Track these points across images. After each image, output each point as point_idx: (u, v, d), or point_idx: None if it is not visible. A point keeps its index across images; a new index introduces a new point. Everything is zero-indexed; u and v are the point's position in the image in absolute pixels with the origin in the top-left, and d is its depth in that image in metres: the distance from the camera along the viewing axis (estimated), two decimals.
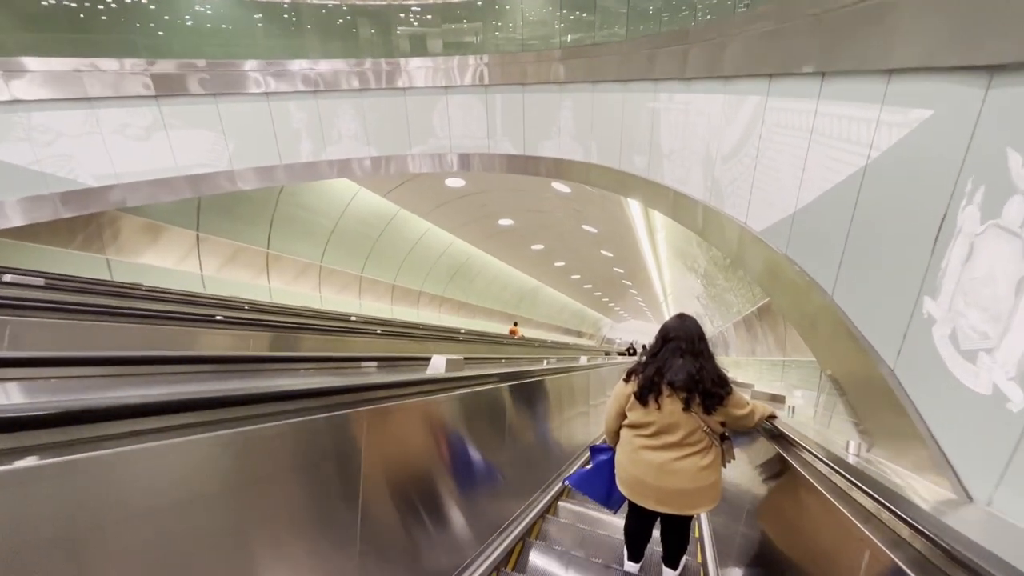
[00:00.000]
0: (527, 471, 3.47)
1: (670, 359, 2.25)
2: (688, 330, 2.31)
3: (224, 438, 1.11)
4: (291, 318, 6.81)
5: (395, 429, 1.75)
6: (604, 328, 46.84)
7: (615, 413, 2.36)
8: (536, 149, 7.71)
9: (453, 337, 9.24)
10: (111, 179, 6.45)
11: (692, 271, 10.55)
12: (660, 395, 2.20)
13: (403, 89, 8.07)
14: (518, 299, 22.97)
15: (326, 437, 1.43)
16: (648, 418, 2.21)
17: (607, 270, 19.26)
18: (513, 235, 13.77)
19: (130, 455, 0.92)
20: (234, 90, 7.09)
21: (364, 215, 10.67)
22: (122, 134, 6.42)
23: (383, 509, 1.69)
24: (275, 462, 1.26)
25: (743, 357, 9.02)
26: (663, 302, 25.76)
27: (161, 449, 0.97)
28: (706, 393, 2.16)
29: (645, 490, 2.21)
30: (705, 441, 2.19)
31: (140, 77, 6.36)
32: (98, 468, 0.87)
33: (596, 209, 10.21)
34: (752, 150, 3.64)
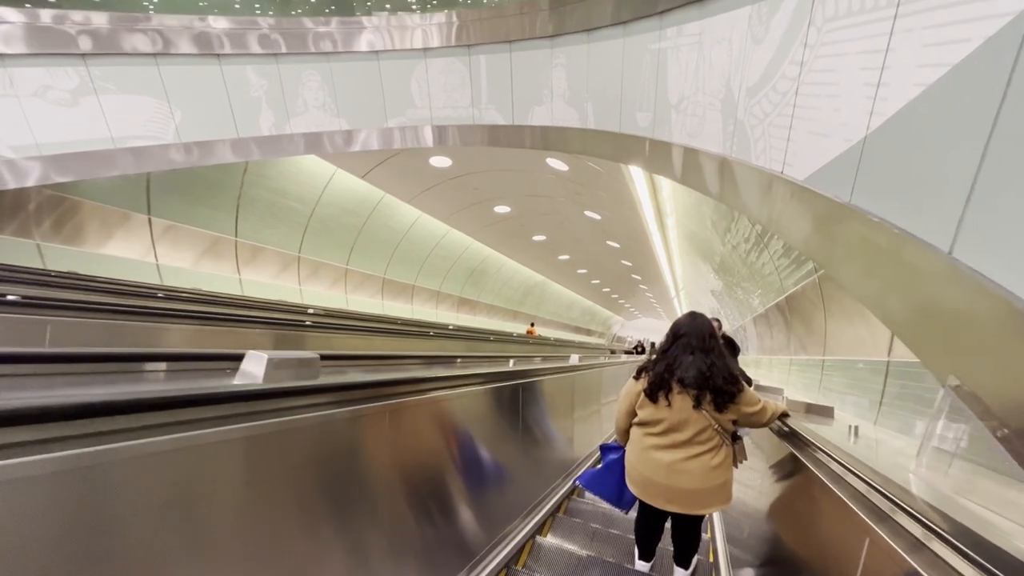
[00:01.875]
0: (536, 469, 3.17)
1: (680, 356, 2.24)
2: (699, 327, 2.31)
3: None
4: (302, 316, 5.90)
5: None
6: (615, 326, 45.86)
7: (625, 411, 2.37)
8: (526, 117, 6.76)
9: (484, 338, 8.31)
10: (31, 150, 5.60)
11: (706, 260, 9.46)
12: (670, 392, 2.20)
13: (376, 52, 7.14)
14: (522, 295, 22.02)
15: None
16: (658, 415, 2.21)
17: (615, 264, 18.19)
18: (511, 224, 12.79)
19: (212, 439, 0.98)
20: (179, 51, 6.20)
21: (344, 201, 9.77)
22: (43, 98, 5.57)
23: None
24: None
25: (766, 356, 7.94)
26: (675, 298, 24.63)
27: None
28: (717, 390, 2.16)
29: (655, 489, 2.21)
30: (716, 440, 2.18)
31: (62, 30, 5.49)
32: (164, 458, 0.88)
33: (598, 191, 9.19)
34: (793, 68, 2.63)
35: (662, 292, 24.04)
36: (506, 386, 2.68)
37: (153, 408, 0.97)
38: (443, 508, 2.08)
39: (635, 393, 2.31)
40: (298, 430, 1.28)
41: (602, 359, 6.77)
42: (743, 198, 3.25)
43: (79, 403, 0.83)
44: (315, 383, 1.35)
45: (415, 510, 1.87)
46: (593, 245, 14.99)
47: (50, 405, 0.79)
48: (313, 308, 6.61)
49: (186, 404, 1.02)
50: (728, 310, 12.78)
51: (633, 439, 2.32)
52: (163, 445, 0.96)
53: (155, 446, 0.95)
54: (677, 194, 7.71)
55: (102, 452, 0.86)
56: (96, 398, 0.88)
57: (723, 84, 3.49)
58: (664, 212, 9.42)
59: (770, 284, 6.32)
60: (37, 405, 0.76)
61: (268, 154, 7.16)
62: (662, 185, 8.00)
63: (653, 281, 21.21)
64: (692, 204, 7.30)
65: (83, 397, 0.85)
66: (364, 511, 1.55)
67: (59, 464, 0.78)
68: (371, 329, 5.51)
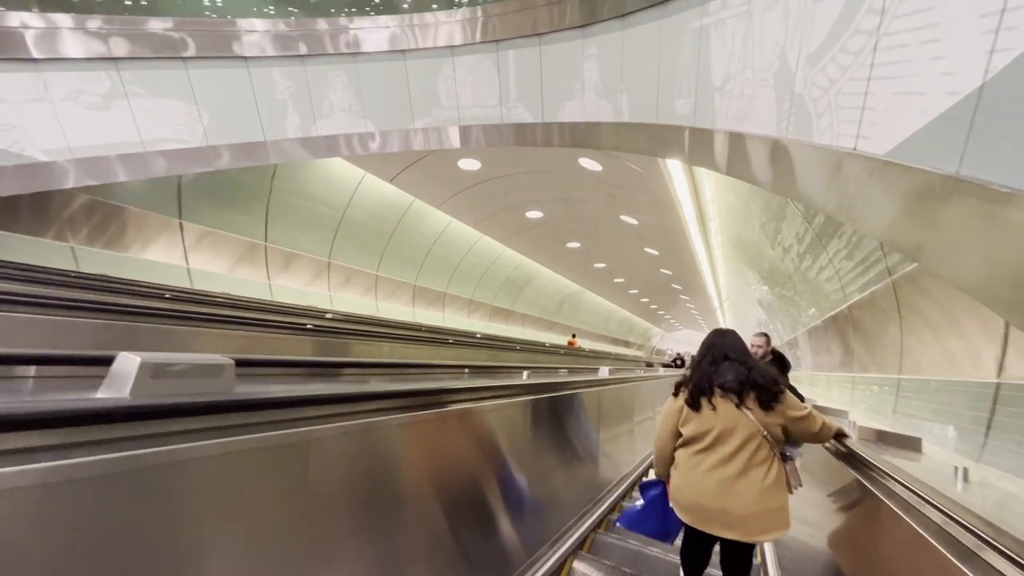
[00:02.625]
0: (551, 499, 2.82)
1: (716, 364, 2.24)
2: (731, 341, 2.32)
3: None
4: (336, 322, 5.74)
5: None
6: (654, 338, 44.57)
7: (668, 432, 2.29)
8: (556, 113, 6.40)
9: (508, 347, 7.97)
10: (64, 153, 5.67)
11: (753, 267, 8.74)
12: (712, 396, 2.16)
13: (403, 52, 6.97)
14: (557, 304, 21.53)
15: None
16: (704, 426, 2.15)
17: (654, 273, 17.45)
18: (544, 230, 12.39)
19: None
20: (207, 53, 6.20)
21: (374, 206, 9.66)
22: (75, 101, 5.64)
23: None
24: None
25: (823, 373, 7.14)
26: (718, 309, 23.51)
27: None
28: (759, 387, 2.12)
29: (706, 514, 2.10)
30: (765, 451, 2.08)
31: (94, 36, 5.55)
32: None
33: (635, 193, 8.68)
34: (871, 19, 2.14)
35: (704, 303, 22.97)
36: (514, 403, 2.27)
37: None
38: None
39: (676, 410, 2.25)
40: (190, 463, 0.92)
41: (638, 372, 6.24)
42: (802, 184, 2.74)
43: None
44: (220, 398, 0.99)
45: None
46: (630, 252, 14.38)
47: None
48: (331, 312, 6.40)
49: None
50: (778, 323, 11.89)
51: (679, 462, 2.24)
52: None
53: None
54: (721, 194, 7.12)
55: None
56: None
57: (777, 55, 3.01)
58: (706, 216, 8.80)
59: (828, 292, 5.64)
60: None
61: (293, 157, 7.08)
62: (704, 186, 7.43)
63: (695, 291, 20.26)
64: (738, 205, 6.70)
65: None
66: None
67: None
68: (376, 335, 5.21)
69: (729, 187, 6.33)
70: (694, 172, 7.11)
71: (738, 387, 2.12)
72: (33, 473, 0.71)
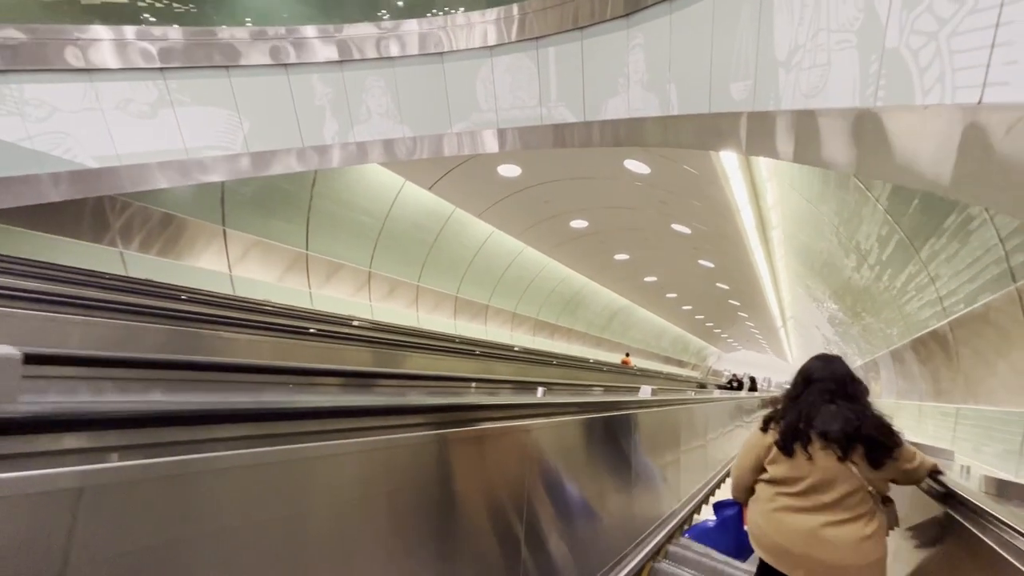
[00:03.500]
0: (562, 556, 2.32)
1: (817, 403, 1.91)
2: (836, 371, 1.98)
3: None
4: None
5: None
6: (710, 358, 42.48)
7: (749, 465, 2.05)
8: (600, 111, 6.00)
9: (544, 361, 7.57)
10: (112, 160, 5.83)
11: (822, 280, 7.81)
12: (809, 443, 1.86)
13: (440, 54, 6.81)
14: (606, 320, 20.76)
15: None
16: (796, 473, 1.89)
17: (709, 287, 16.39)
18: (590, 241, 11.86)
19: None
20: (249, 62, 6.27)
21: (414, 215, 9.54)
22: (124, 111, 5.80)
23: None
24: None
25: (913, 402, 6.10)
26: (781, 328, 21.87)
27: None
28: (871, 442, 1.81)
29: (793, 559, 1.88)
30: (868, 504, 1.84)
31: (143, 46, 5.71)
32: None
33: (687, 199, 8.04)
34: None
35: (765, 321, 21.42)
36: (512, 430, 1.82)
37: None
38: None
39: (763, 447, 2.00)
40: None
41: (689, 394, 5.60)
42: (901, 159, 2.17)
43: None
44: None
45: None
46: (683, 265, 13.54)
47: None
48: (359, 320, 6.19)
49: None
50: (852, 344, 10.70)
51: (761, 497, 2.01)
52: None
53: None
54: (786, 198, 6.38)
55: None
56: None
57: (861, 8, 2.46)
58: (768, 223, 7.99)
59: (919, 305, 4.79)
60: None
61: (331, 163, 7.04)
62: (766, 188, 6.70)
63: (755, 308, 18.90)
64: (805, 209, 5.95)
65: None
66: None
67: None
68: (397, 343, 4.89)
69: (796, 188, 5.62)
70: (754, 173, 6.43)
71: (844, 439, 1.81)
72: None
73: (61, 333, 2.86)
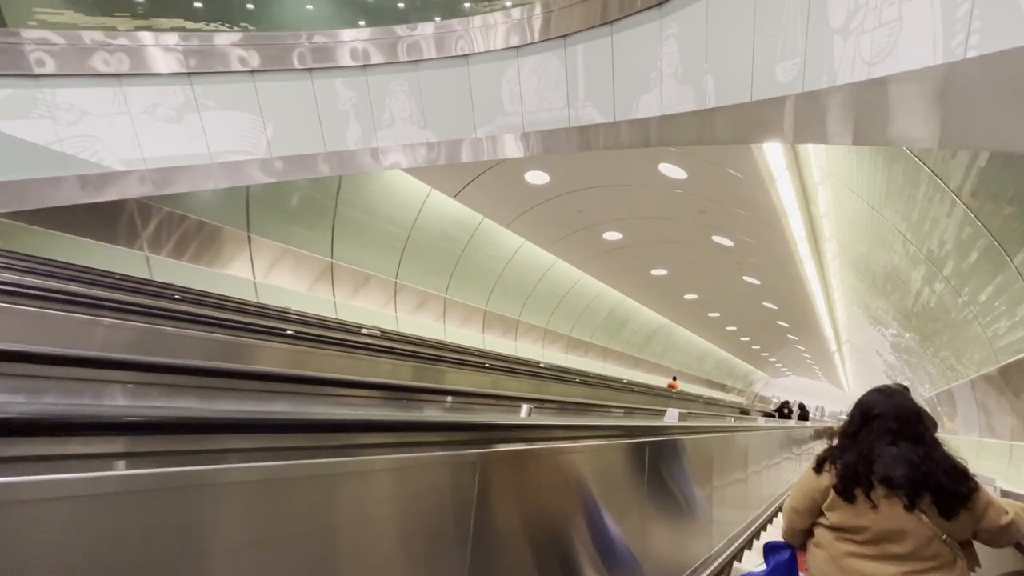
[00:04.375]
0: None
1: (877, 444, 1.72)
2: (899, 407, 1.77)
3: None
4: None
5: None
6: (757, 383, 40.34)
7: (804, 509, 1.86)
8: (631, 110, 5.62)
9: (566, 379, 7.10)
10: (138, 164, 5.89)
11: (885, 297, 6.96)
12: (871, 490, 1.68)
13: (465, 57, 6.62)
14: (644, 339, 19.92)
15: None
16: (859, 521, 1.70)
17: (755, 307, 15.38)
18: (625, 255, 11.31)
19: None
20: (275, 66, 6.26)
21: (441, 224, 9.34)
22: (152, 115, 5.88)
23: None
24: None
25: (1003, 441, 5.16)
26: (835, 352, 20.34)
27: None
28: (941, 490, 1.62)
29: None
30: (947, 554, 1.65)
31: (172, 52, 5.77)
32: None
33: (728, 206, 7.43)
34: None
35: (818, 345, 19.96)
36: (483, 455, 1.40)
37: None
38: None
39: (819, 490, 1.81)
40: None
41: (728, 421, 4.99)
42: (1000, 117, 1.65)
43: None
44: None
45: None
46: (726, 282, 12.71)
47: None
48: (368, 328, 5.91)
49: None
50: (918, 371, 9.60)
51: (823, 542, 1.82)
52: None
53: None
54: (842, 203, 5.70)
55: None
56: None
57: None
58: (821, 234, 7.24)
59: (1010, 325, 4.04)
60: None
61: (353, 169, 6.95)
62: (818, 193, 6.04)
63: (805, 330, 17.61)
64: (865, 215, 5.27)
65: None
66: None
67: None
68: (397, 352, 4.53)
69: (854, 189, 4.98)
70: (803, 174, 5.79)
71: (910, 487, 1.63)
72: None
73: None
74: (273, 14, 7.27)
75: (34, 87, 5.36)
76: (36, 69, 5.30)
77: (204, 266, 7.35)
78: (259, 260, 7.82)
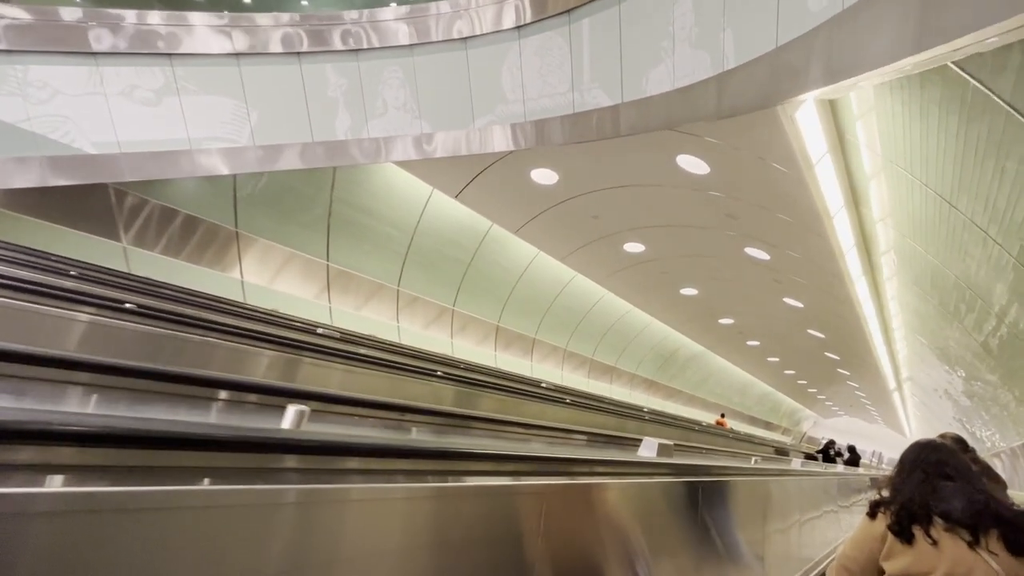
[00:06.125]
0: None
1: (932, 480, 1.70)
2: (949, 457, 1.77)
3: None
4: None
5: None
6: (805, 423, 37.47)
7: (862, 562, 1.71)
8: (640, 87, 4.91)
9: (555, 399, 6.25)
10: (112, 147, 5.58)
11: (954, 317, 5.72)
12: (931, 526, 1.60)
13: (464, 40, 6.08)
14: (677, 368, 18.55)
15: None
16: (923, 565, 1.60)
17: (798, 335, 13.90)
18: (650, 270, 10.34)
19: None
20: (261, 49, 5.90)
21: (446, 229, 8.74)
22: (129, 97, 5.58)
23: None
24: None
25: None
26: (894, 391, 18.26)
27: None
28: (1006, 524, 1.57)
29: None
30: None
31: (152, 31, 5.49)
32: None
33: (758, 208, 6.46)
34: None
35: (874, 382, 17.97)
36: None
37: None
38: None
39: (875, 538, 1.66)
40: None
41: (752, 462, 4.01)
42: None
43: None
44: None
45: None
46: (764, 304, 11.45)
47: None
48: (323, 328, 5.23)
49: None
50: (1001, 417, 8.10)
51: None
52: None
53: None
54: (901, 198, 4.64)
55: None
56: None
57: None
58: (874, 242, 6.12)
59: None
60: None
61: (341, 161, 6.46)
62: (869, 189, 4.99)
63: (859, 364, 15.83)
64: (931, 210, 4.22)
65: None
66: None
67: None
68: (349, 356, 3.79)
69: (918, 175, 3.97)
70: (850, 164, 4.77)
71: (971, 519, 1.54)
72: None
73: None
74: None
75: (5, 63, 5.17)
76: (7, 44, 5.11)
77: (188, 262, 6.98)
78: (248, 259, 7.40)
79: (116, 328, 2.57)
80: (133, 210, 6.44)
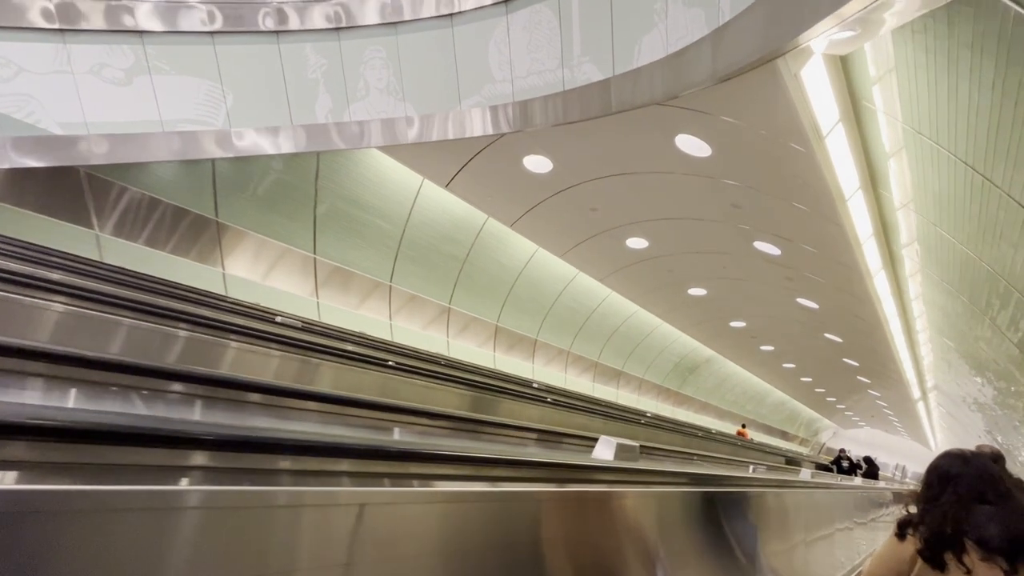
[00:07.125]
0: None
1: (964, 501, 1.65)
2: (982, 469, 1.70)
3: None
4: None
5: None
6: (824, 434, 36.37)
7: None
8: (632, 58, 4.55)
9: (524, 397, 5.82)
10: (80, 128, 5.34)
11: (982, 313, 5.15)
12: (964, 553, 1.55)
13: (449, 16, 5.75)
14: (686, 372, 17.93)
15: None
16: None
17: (814, 339, 13.22)
18: (654, 267, 9.84)
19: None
20: (238, 27, 5.64)
21: (439, 222, 8.39)
22: (98, 76, 5.34)
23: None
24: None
25: None
26: (919, 401, 17.38)
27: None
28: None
29: None
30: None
31: (122, 7, 5.26)
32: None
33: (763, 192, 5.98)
34: None
35: (897, 390, 17.12)
36: None
37: None
38: None
39: (904, 560, 1.64)
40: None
41: (750, 472, 3.57)
42: None
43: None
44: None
45: None
46: (776, 305, 10.86)
47: None
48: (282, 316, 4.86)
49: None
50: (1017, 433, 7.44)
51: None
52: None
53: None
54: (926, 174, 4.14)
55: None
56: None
57: None
58: (894, 231, 5.58)
59: None
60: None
61: (322, 146, 6.18)
62: (889, 169, 4.49)
63: (880, 372, 15.05)
64: (961, 186, 3.72)
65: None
66: None
67: None
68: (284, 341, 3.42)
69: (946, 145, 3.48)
70: (867, 139, 4.26)
71: (1009, 546, 1.48)
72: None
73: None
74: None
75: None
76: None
77: (167, 252, 6.73)
78: (230, 250, 7.13)
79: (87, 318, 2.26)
80: (106, 196, 6.20)
